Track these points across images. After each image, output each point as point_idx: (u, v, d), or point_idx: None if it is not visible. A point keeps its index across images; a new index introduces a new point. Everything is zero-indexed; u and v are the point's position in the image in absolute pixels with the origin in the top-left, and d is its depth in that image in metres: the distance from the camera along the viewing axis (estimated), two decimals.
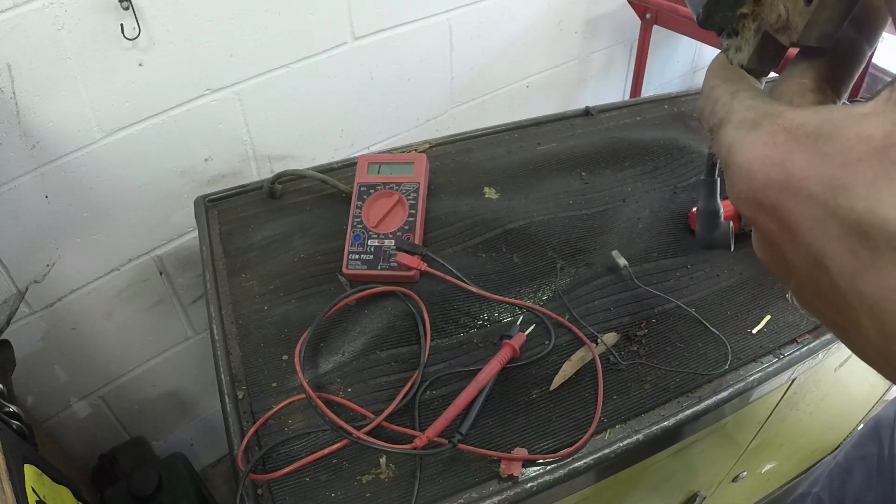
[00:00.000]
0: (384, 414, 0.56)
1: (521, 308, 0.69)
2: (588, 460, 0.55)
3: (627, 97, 1.67)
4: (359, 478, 0.54)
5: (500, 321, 0.68)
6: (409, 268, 0.70)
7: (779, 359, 0.64)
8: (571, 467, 0.55)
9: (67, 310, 1.00)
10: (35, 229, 0.90)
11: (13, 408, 0.64)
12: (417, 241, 0.73)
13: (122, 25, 0.82)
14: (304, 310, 0.69)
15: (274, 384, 0.62)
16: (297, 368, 0.59)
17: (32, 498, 0.52)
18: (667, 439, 0.61)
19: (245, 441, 0.56)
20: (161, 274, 1.09)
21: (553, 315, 0.67)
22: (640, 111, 1.00)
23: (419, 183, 0.76)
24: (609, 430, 0.58)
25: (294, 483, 0.54)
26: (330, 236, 0.78)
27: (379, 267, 0.71)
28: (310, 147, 1.14)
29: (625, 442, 0.56)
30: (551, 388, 0.61)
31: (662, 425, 0.58)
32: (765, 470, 1.09)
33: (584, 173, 0.87)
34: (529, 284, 0.71)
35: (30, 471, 0.55)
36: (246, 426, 0.58)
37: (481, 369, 0.59)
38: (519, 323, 0.66)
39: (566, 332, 0.66)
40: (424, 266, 0.70)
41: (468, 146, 0.93)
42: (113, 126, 0.89)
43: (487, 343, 0.65)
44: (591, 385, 0.61)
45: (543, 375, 0.62)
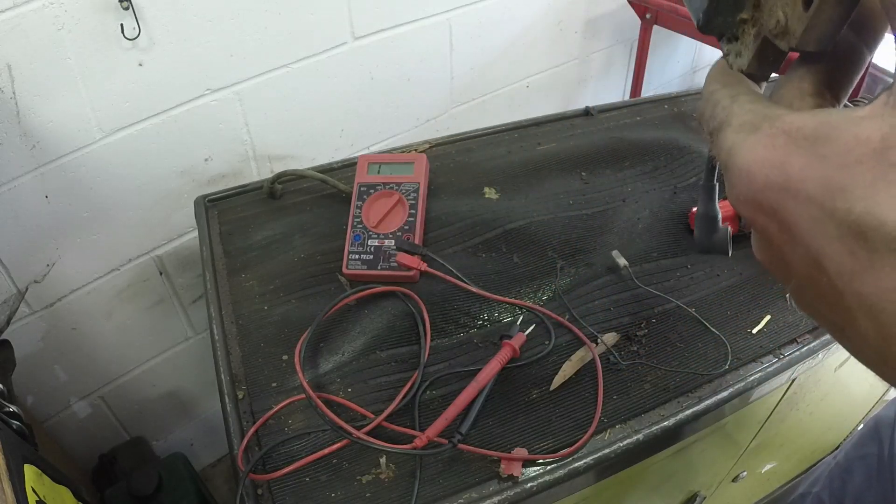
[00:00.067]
0: (384, 414, 0.57)
1: (521, 308, 0.69)
2: (588, 460, 0.55)
3: (627, 97, 1.67)
4: (359, 478, 0.54)
5: (500, 321, 0.68)
6: (409, 268, 0.70)
7: (779, 359, 0.64)
8: (571, 467, 0.55)
9: (67, 310, 1.00)
10: (35, 229, 0.90)
11: (13, 408, 0.64)
12: (417, 241, 0.73)
13: (122, 25, 0.82)
14: (304, 310, 0.69)
15: (274, 384, 0.62)
16: (297, 368, 0.59)
17: (32, 498, 0.52)
18: (667, 439, 0.61)
19: (245, 441, 0.56)
20: (161, 274, 1.09)
21: (553, 315, 0.67)
22: (640, 111, 1.00)
23: (419, 183, 0.76)
24: (609, 430, 0.58)
25: (294, 483, 0.54)
26: (330, 236, 0.78)
27: (379, 267, 0.71)
28: (310, 147, 1.14)
29: (625, 442, 0.56)
30: (551, 388, 0.61)
31: (662, 425, 0.58)
32: (765, 470, 1.09)
33: (584, 173, 0.87)
34: (529, 284, 0.71)
35: (30, 471, 0.55)
36: (246, 426, 0.58)
37: (481, 369, 0.60)
38: (519, 323, 0.66)
39: (566, 332, 0.66)
40: (424, 266, 0.70)
41: (468, 146, 0.93)
42: (113, 126, 0.89)
43: (487, 343, 0.65)
44: (591, 385, 0.61)
45: (543, 375, 0.62)
